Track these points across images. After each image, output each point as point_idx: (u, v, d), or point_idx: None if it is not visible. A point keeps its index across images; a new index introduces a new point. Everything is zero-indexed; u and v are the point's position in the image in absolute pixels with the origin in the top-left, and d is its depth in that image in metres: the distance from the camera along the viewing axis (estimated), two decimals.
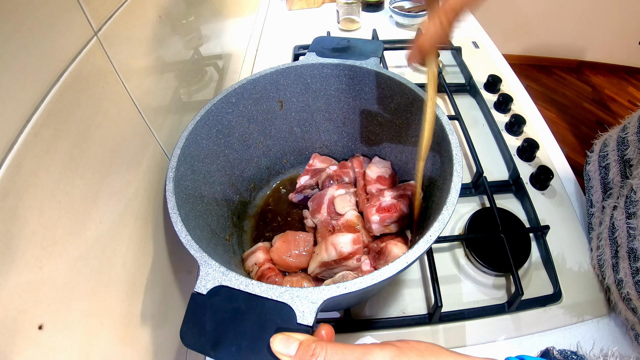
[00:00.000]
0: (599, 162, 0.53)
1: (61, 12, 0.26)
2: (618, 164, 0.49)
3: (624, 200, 0.43)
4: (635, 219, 0.41)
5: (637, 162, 0.46)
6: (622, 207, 0.43)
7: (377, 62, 0.46)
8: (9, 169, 0.21)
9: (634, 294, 0.40)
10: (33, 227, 0.23)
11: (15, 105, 0.22)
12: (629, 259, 0.41)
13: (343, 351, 0.23)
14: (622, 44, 2.00)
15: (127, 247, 0.33)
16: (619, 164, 0.49)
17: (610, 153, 0.51)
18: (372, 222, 0.45)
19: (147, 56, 0.38)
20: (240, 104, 0.46)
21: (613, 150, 0.50)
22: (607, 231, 0.46)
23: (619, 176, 0.48)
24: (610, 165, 0.50)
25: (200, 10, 0.54)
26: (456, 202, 0.33)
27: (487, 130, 0.65)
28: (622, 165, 0.48)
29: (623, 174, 0.48)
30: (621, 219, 0.43)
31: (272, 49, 0.86)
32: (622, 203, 0.43)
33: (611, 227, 0.45)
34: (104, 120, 0.30)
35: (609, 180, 0.50)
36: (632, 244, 0.41)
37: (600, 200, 0.51)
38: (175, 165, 0.37)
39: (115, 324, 0.31)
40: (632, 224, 0.41)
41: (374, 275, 0.28)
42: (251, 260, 0.45)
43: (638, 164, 0.45)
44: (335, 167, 0.53)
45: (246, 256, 0.46)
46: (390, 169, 0.51)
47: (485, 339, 0.44)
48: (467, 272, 0.48)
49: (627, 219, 0.42)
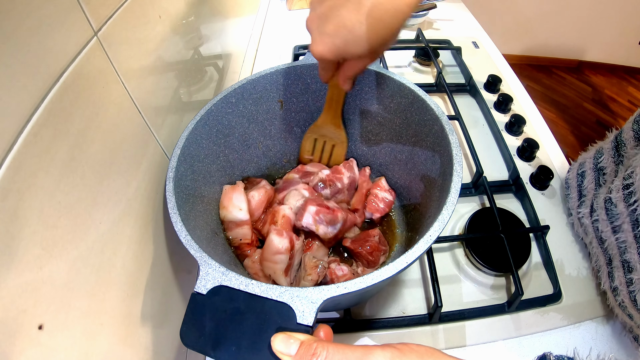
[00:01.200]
0: (577, 169, 0.53)
1: (61, 12, 0.26)
2: (593, 172, 0.49)
3: (604, 212, 0.43)
4: (622, 232, 0.40)
5: (610, 172, 0.46)
6: (606, 220, 0.43)
7: (377, 62, 0.46)
8: (9, 169, 0.21)
9: (629, 302, 0.40)
10: (33, 227, 0.23)
11: (15, 105, 0.22)
12: (623, 269, 0.41)
13: (344, 351, 0.23)
14: (622, 44, 2.00)
15: (127, 247, 0.33)
16: (593, 172, 0.49)
17: (587, 161, 0.51)
18: (307, 211, 0.45)
19: (147, 56, 0.38)
20: (240, 104, 0.46)
21: (590, 159, 0.51)
22: (596, 241, 0.46)
23: (592, 184, 0.48)
24: (586, 173, 0.50)
25: (200, 10, 0.54)
26: (456, 202, 0.33)
27: (487, 130, 0.65)
28: (596, 173, 0.48)
29: (597, 182, 0.48)
30: (607, 231, 0.43)
31: (272, 49, 0.86)
32: (604, 215, 0.43)
33: (599, 238, 0.45)
34: (104, 120, 0.30)
35: (583, 187, 0.50)
36: (624, 256, 0.40)
37: (575, 207, 0.51)
38: (175, 165, 0.37)
39: (115, 324, 0.31)
40: (621, 237, 0.41)
41: (374, 275, 0.28)
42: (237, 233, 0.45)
43: (611, 173, 0.45)
44: (328, 171, 0.52)
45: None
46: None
47: (485, 339, 0.44)
48: (467, 272, 0.48)
49: (614, 233, 0.42)
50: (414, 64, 0.79)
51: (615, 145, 0.46)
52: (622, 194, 0.40)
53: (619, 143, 0.45)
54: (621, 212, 0.40)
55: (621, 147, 0.45)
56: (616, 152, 0.45)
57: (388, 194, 0.51)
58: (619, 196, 0.40)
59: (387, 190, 0.51)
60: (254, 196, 0.47)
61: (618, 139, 0.46)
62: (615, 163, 0.45)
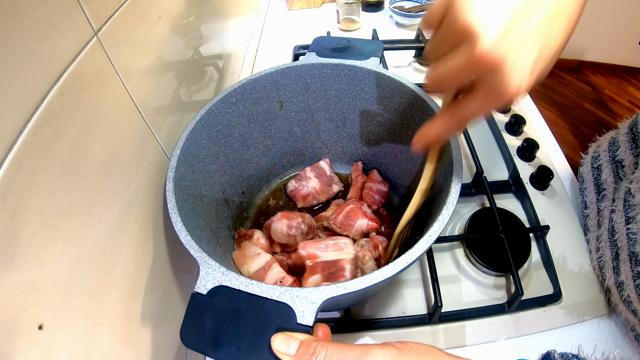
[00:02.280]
0: (592, 163, 0.52)
1: (61, 12, 0.26)
2: (610, 164, 0.49)
3: (622, 203, 0.43)
4: (635, 224, 0.40)
5: (629, 164, 0.46)
6: (621, 211, 0.43)
7: (377, 62, 0.46)
8: (9, 169, 0.21)
9: (635, 297, 0.40)
10: (33, 227, 0.23)
11: (15, 105, 0.22)
12: (630, 262, 0.41)
13: (343, 350, 0.23)
14: (622, 44, 2.00)
15: (127, 247, 0.33)
16: (611, 165, 0.48)
17: (602, 154, 0.51)
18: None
19: (147, 56, 0.38)
20: (240, 104, 0.46)
21: (605, 151, 0.50)
22: (606, 233, 0.46)
23: (611, 177, 0.48)
24: (603, 166, 0.50)
25: (200, 10, 0.54)
26: (456, 202, 0.33)
27: (487, 130, 0.65)
28: (614, 166, 0.48)
29: (616, 175, 0.48)
30: (620, 222, 0.43)
31: (272, 49, 0.86)
32: (621, 206, 0.43)
33: (610, 229, 0.45)
34: (104, 120, 0.30)
35: (602, 181, 0.50)
36: (633, 248, 0.40)
37: (595, 201, 0.51)
38: (175, 165, 0.37)
39: (115, 324, 0.31)
40: (632, 228, 0.41)
41: (374, 275, 0.28)
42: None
43: (631, 165, 0.45)
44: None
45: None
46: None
47: (485, 339, 0.44)
48: (467, 272, 0.48)
49: (627, 224, 0.42)
50: (414, 64, 0.79)
51: (632, 137, 0.45)
52: None
53: (635, 135, 0.45)
54: (637, 203, 0.40)
55: (638, 139, 0.44)
56: (633, 143, 0.45)
57: (382, 185, 0.52)
58: (638, 187, 0.40)
59: (380, 181, 0.53)
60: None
61: (634, 131, 0.45)
62: (634, 155, 0.45)
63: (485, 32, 0.21)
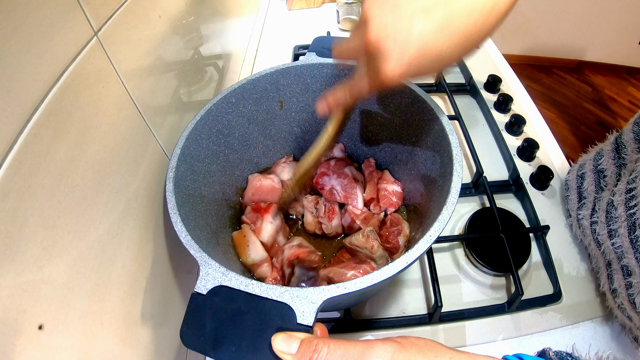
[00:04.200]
0: (577, 170, 0.52)
1: (61, 12, 0.26)
2: (593, 173, 0.49)
3: (604, 215, 0.43)
4: (618, 237, 0.40)
5: (611, 174, 0.45)
6: (604, 222, 0.43)
7: None
8: (9, 169, 0.21)
9: (628, 305, 0.40)
10: (33, 227, 0.23)
11: (15, 105, 0.22)
12: (622, 272, 0.41)
13: (346, 346, 0.23)
14: (622, 44, 2.00)
15: (127, 247, 0.33)
16: (593, 174, 0.48)
17: (587, 162, 0.51)
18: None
19: (147, 56, 0.38)
20: (240, 104, 0.46)
21: (590, 160, 0.50)
22: (593, 244, 0.46)
23: (593, 186, 0.48)
24: (586, 174, 0.50)
25: (200, 10, 0.54)
26: (456, 202, 0.33)
27: (487, 130, 0.65)
28: (596, 175, 0.48)
29: (597, 184, 0.48)
30: (603, 234, 0.43)
31: (272, 49, 0.86)
32: (603, 218, 0.43)
33: (596, 242, 0.45)
34: (104, 121, 0.30)
35: (583, 189, 0.50)
36: (622, 261, 0.40)
37: (575, 209, 0.51)
38: (175, 165, 0.37)
39: (115, 323, 0.31)
40: (617, 242, 0.40)
41: (374, 275, 0.28)
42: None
43: (612, 176, 0.45)
44: None
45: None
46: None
47: (485, 338, 0.44)
48: (467, 272, 0.48)
49: (610, 237, 0.42)
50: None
51: (616, 148, 0.45)
52: (624, 197, 0.40)
53: (619, 145, 0.45)
54: (620, 216, 0.40)
55: (621, 149, 0.44)
56: (616, 154, 0.45)
57: (396, 186, 0.51)
58: (620, 199, 0.40)
59: (394, 182, 0.51)
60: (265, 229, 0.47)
61: (618, 141, 0.45)
62: (615, 165, 0.45)
63: (372, 24, 0.28)
